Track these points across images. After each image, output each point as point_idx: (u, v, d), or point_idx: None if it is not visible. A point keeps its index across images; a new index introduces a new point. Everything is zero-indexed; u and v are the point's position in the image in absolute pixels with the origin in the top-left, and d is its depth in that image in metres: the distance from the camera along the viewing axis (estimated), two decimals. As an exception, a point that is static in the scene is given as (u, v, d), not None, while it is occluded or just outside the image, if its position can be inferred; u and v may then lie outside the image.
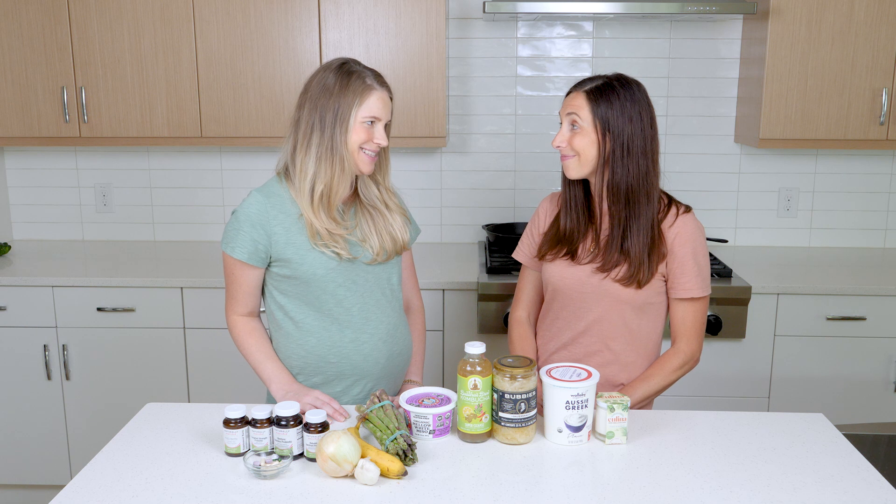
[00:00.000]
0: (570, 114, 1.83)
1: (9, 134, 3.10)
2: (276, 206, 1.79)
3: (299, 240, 1.79)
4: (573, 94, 1.85)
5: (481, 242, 3.44)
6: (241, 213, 1.80)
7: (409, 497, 1.44)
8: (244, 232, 1.78)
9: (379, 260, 1.86)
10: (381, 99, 1.78)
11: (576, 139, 1.82)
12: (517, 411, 1.61)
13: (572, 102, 1.84)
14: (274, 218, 1.79)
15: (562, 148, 1.85)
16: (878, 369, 2.87)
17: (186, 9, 2.98)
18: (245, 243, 1.78)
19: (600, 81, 1.83)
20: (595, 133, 1.81)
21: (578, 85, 1.86)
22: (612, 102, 1.79)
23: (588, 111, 1.80)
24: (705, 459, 1.58)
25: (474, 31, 3.30)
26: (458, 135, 3.39)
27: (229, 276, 1.85)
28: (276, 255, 1.80)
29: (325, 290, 1.81)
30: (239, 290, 1.84)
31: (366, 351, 1.86)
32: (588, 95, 1.81)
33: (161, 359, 2.96)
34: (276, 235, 1.78)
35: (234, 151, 3.43)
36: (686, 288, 1.87)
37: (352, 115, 1.75)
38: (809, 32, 2.92)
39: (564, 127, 1.85)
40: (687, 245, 1.86)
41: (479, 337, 2.84)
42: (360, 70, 1.78)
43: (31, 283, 2.91)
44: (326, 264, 1.79)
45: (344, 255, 1.79)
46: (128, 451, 1.62)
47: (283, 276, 1.82)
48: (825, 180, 3.38)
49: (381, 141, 1.78)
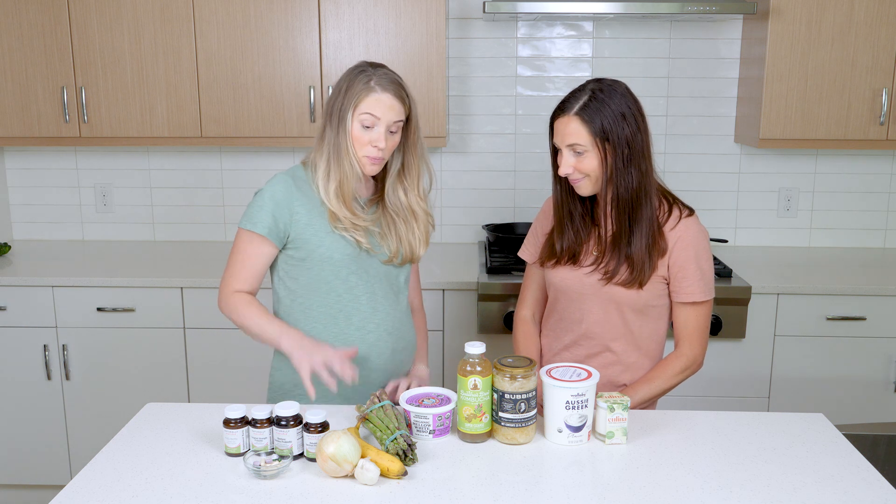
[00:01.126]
0: (570, 145, 1.79)
1: (9, 134, 3.10)
2: (300, 189, 1.83)
3: (320, 222, 1.81)
4: (564, 121, 1.79)
5: (481, 242, 3.44)
6: (268, 190, 1.82)
7: (409, 497, 1.44)
8: (267, 208, 1.80)
9: (394, 262, 1.89)
10: (381, 101, 1.77)
11: (583, 163, 1.80)
12: (517, 411, 1.61)
13: (566, 130, 1.79)
14: (297, 199, 1.81)
15: (570, 175, 1.82)
16: (878, 369, 2.87)
17: (186, 9, 2.98)
18: (266, 218, 1.80)
19: (584, 97, 1.78)
20: (598, 150, 1.78)
21: (563, 109, 1.80)
22: (603, 112, 1.76)
23: (586, 133, 1.77)
24: (705, 459, 1.58)
25: (474, 31, 3.30)
26: (458, 135, 3.39)
27: (239, 253, 1.83)
28: (295, 235, 1.81)
29: (338, 275, 1.83)
30: (245, 267, 1.83)
31: (371, 340, 1.87)
32: (581, 118, 1.77)
33: (161, 359, 2.96)
34: (298, 215, 1.81)
35: (234, 151, 3.43)
36: (688, 292, 1.86)
37: (348, 116, 1.77)
38: (809, 32, 2.92)
39: (566, 154, 1.80)
40: (689, 249, 1.85)
41: (479, 337, 2.84)
42: (371, 71, 1.78)
43: (31, 283, 2.91)
44: (343, 249, 1.81)
45: (363, 244, 1.81)
46: (128, 451, 1.61)
47: (298, 260, 1.83)
48: (825, 180, 3.38)
49: (379, 144, 1.78)
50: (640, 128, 1.80)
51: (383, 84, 1.77)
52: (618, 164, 1.78)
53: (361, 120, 1.77)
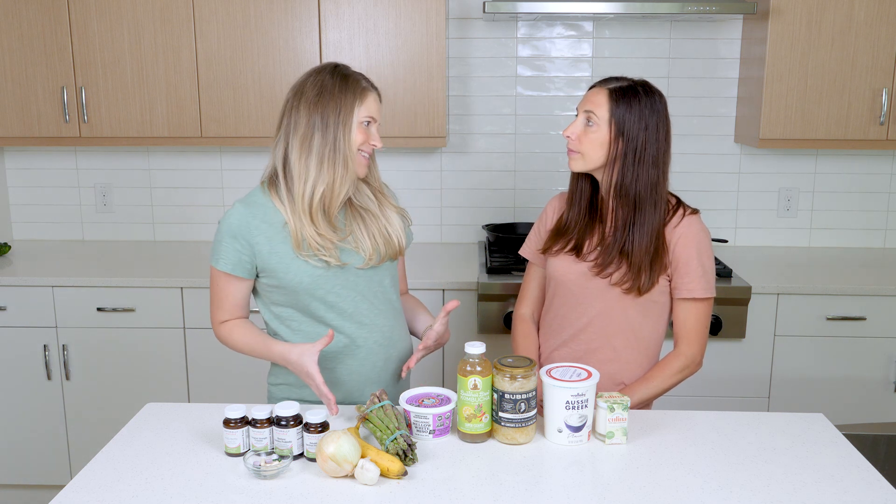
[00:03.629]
0: (587, 110, 1.83)
1: (9, 134, 3.10)
2: (257, 216, 1.77)
3: (283, 249, 1.76)
4: (595, 90, 1.85)
5: (481, 242, 3.44)
6: (223, 224, 1.78)
7: (409, 497, 1.44)
8: (226, 244, 1.77)
9: (371, 263, 1.82)
10: (376, 101, 1.80)
11: (587, 136, 1.83)
12: (517, 411, 1.61)
13: (593, 98, 1.84)
14: (255, 228, 1.76)
15: (570, 140, 1.86)
16: (878, 369, 2.87)
17: (186, 9, 2.98)
18: (228, 255, 1.77)
19: (625, 83, 1.83)
20: (608, 132, 1.81)
21: (603, 82, 1.86)
22: (631, 106, 1.80)
23: (606, 109, 1.81)
24: (705, 459, 1.58)
25: (474, 31, 3.30)
26: (458, 135, 3.39)
27: (215, 288, 1.82)
28: (262, 266, 1.78)
29: (314, 296, 1.79)
30: (226, 301, 1.82)
31: (362, 356, 1.85)
32: (610, 94, 1.82)
33: (161, 359, 2.96)
34: (259, 246, 1.76)
35: (234, 151, 3.43)
36: (689, 288, 1.87)
37: (354, 115, 1.75)
38: (809, 32, 2.92)
39: (579, 120, 1.85)
40: (690, 246, 1.86)
41: (479, 337, 2.84)
42: (355, 73, 1.80)
43: (31, 283, 2.91)
44: (311, 272, 1.76)
45: (333, 263, 1.76)
46: (128, 451, 1.61)
47: (273, 287, 1.80)
48: (825, 180, 3.38)
49: (377, 142, 1.79)
50: (658, 140, 1.83)
51: (371, 84, 1.80)
52: (626, 158, 1.82)
53: (363, 119, 1.77)
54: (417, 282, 2.75)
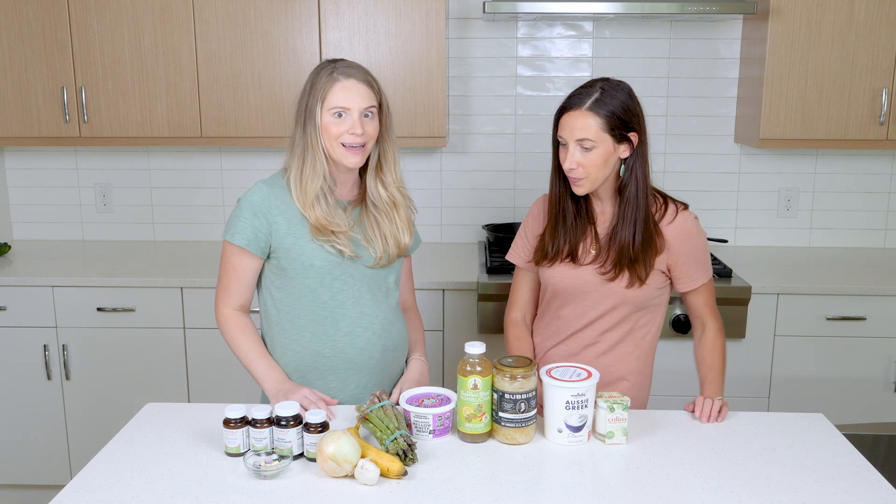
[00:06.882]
0: (579, 140, 1.78)
1: (9, 134, 3.10)
2: (279, 197, 1.82)
3: (300, 230, 1.80)
4: (575, 115, 1.78)
5: (481, 242, 3.44)
6: (245, 200, 1.82)
7: (409, 497, 1.44)
8: (245, 219, 1.80)
9: (381, 264, 1.87)
10: (347, 87, 1.76)
11: (588, 159, 1.79)
12: (517, 411, 1.61)
13: (576, 125, 1.78)
14: (276, 208, 1.80)
15: (573, 171, 1.81)
16: (878, 369, 2.87)
17: (186, 9, 2.98)
18: (245, 230, 1.80)
19: (596, 93, 1.79)
20: (606, 145, 1.79)
21: (575, 104, 1.79)
22: (613, 107, 1.78)
23: (597, 128, 1.77)
24: (705, 459, 1.58)
25: (474, 31, 3.30)
26: (458, 135, 3.39)
27: (226, 265, 1.85)
28: (276, 245, 1.81)
29: (322, 281, 1.82)
30: (234, 280, 1.84)
31: (360, 344, 1.87)
32: (594, 112, 1.77)
33: (161, 359, 2.96)
34: (278, 225, 1.80)
35: (234, 151, 3.43)
36: (696, 278, 1.92)
37: (317, 108, 1.77)
38: (809, 32, 2.92)
39: (572, 149, 1.79)
40: (692, 241, 1.89)
41: (479, 337, 2.84)
42: (332, 65, 1.80)
43: (31, 283, 2.91)
44: (326, 257, 1.80)
45: (346, 253, 1.80)
46: (128, 451, 1.62)
47: (281, 269, 1.83)
48: (825, 180, 3.38)
49: (355, 130, 1.76)
50: (640, 124, 1.83)
51: (347, 72, 1.78)
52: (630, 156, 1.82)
53: (331, 110, 1.76)
54: (417, 282, 2.75)
